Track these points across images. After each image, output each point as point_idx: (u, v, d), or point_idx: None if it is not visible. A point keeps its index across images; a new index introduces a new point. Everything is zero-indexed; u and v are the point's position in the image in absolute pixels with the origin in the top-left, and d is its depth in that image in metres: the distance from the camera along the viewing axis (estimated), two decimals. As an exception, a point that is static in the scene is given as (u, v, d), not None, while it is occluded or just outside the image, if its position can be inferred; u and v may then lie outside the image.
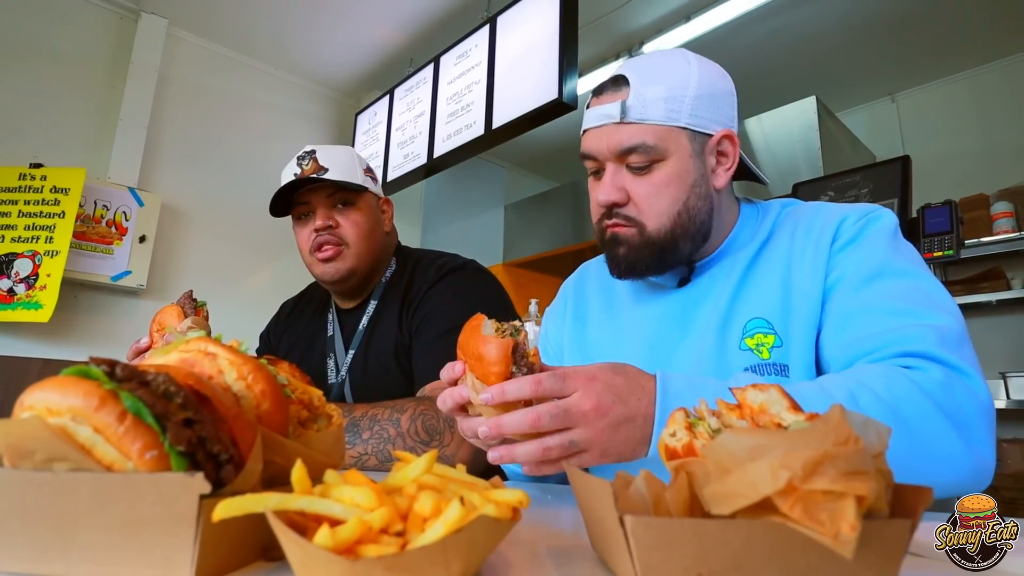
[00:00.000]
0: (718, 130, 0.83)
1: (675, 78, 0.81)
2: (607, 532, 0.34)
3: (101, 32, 3.10)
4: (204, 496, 0.30)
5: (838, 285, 0.76)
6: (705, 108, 0.81)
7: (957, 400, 0.62)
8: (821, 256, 0.79)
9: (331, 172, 1.24)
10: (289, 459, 0.39)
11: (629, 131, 0.80)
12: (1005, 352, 3.17)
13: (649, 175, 0.81)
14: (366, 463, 0.99)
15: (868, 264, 0.75)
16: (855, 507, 0.27)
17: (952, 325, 0.68)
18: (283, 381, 0.43)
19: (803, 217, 0.86)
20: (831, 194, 2.43)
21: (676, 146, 0.80)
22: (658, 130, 0.79)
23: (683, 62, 0.83)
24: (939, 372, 0.63)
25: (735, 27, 3.12)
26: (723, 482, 0.30)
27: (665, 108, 0.79)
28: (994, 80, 3.53)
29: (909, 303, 0.70)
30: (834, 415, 0.30)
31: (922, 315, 0.69)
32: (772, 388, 0.36)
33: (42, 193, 2.71)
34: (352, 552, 0.28)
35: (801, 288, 0.79)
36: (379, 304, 1.32)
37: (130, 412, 0.31)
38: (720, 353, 0.81)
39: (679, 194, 0.81)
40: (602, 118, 0.82)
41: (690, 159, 0.81)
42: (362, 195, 1.29)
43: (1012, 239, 2.97)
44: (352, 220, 1.27)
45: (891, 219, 0.81)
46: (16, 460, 0.32)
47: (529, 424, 0.56)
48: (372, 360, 1.26)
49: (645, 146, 0.79)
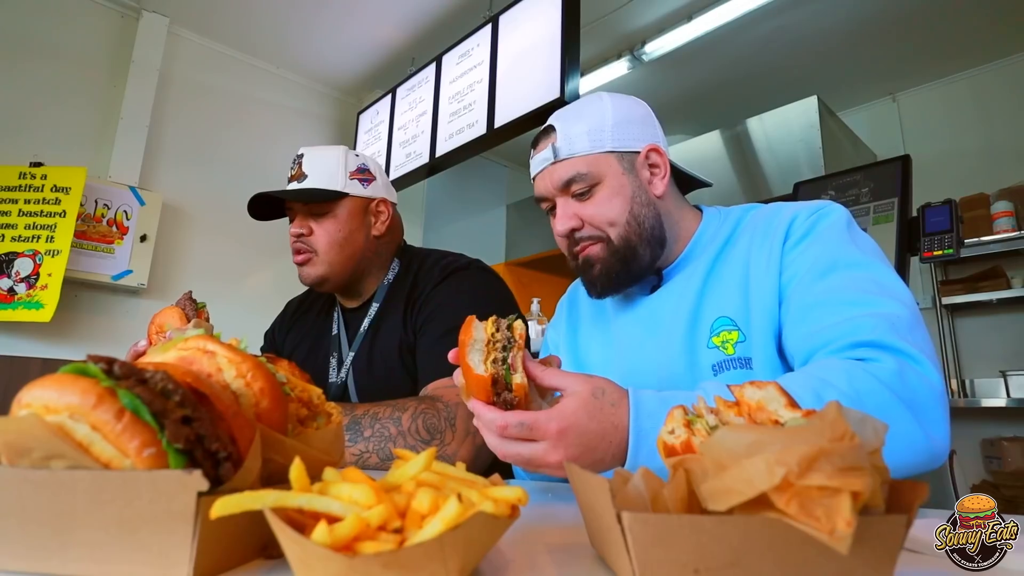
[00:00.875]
0: (642, 146, 0.93)
1: (593, 114, 0.93)
2: (605, 529, 0.34)
3: (102, 30, 3.10)
4: (202, 494, 0.30)
5: (794, 280, 0.81)
6: (624, 131, 0.92)
7: (911, 387, 0.65)
8: (775, 253, 0.84)
9: (310, 179, 1.25)
10: (288, 457, 0.40)
11: (564, 166, 0.91)
12: (1005, 351, 3.17)
13: (592, 198, 0.91)
14: (367, 461, 0.99)
15: (822, 259, 0.79)
16: (851, 503, 0.27)
17: (902, 313, 0.71)
18: (282, 379, 0.43)
19: (761, 218, 0.92)
20: (832, 193, 2.43)
21: (607, 168, 0.91)
22: (588, 159, 0.90)
23: (597, 100, 0.95)
24: (892, 361, 0.66)
25: (737, 27, 3.11)
26: (720, 478, 0.30)
27: (589, 140, 0.90)
28: (995, 80, 3.52)
29: (861, 292, 0.74)
30: (830, 411, 0.30)
31: (873, 303, 0.72)
32: (770, 385, 0.37)
33: (43, 192, 2.71)
34: (350, 549, 0.29)
35: (758, 285, 0.84)
36: (382, 306, 1.31)
37: (128, 409, 0.31)
38: (689, 351, 0.87)
39: (623, 206, 0.90)
40: (541, 163, 0.93)
41: (623, 176, 0.91)
42: (339, 202, 1.27)
43: (1012, 238, 2.97)
44: (325, 228, 1.26)
45: (841, 213, 0.86)
46: (13, 458, 0.32)
47: (496, 430, 0.63)
48: (376, 361, 1.26)
49: (579, 175, 0.90)
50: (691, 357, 0.87)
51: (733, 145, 3.33)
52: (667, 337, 0.91)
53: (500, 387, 0.61)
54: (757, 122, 3.26)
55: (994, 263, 3.13)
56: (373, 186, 1.32)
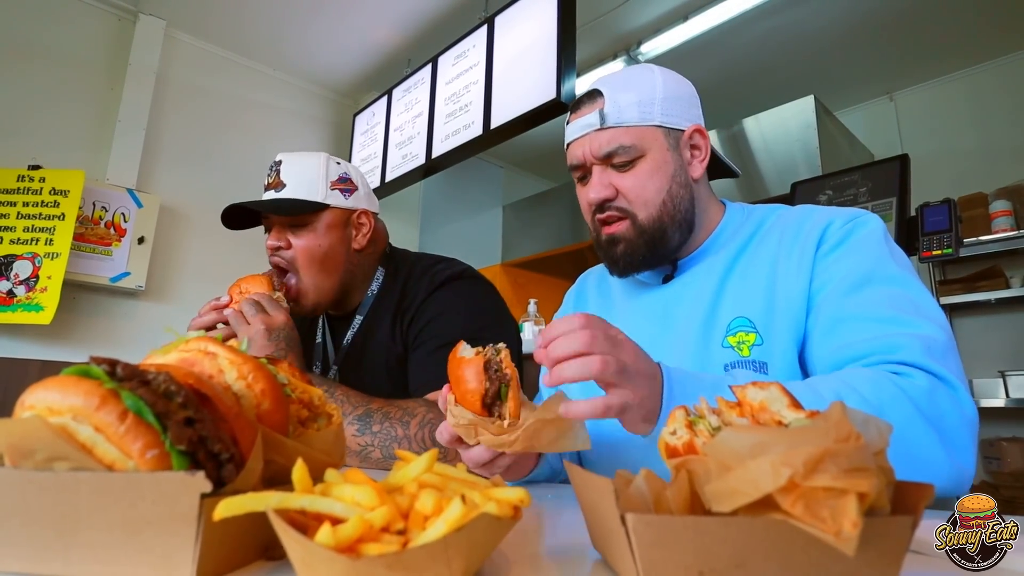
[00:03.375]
0: (688, 126, 0.90)
1: (644, 85, 0.89)
2: (609, 531, 0.34)
3: (99, 33, 3.09)
4: (205, 495, 0.30)
5: (826, 289, 0.78)
6: (674, 107, 0.89)
7: (941, 409, 0.64)
8: (807, 259, 0.81)
9: (288, 188, 1.17)
10: (289, 458, 0.39)
11: (609, 134, 0.87)
12: (1004, 351, 3.17)
13: (633, 170, 0.88)
14: (370, 454, 1.00)
15: (857, 270, 0.77)
16: (857, 504, 0.27)
17: (938, 335, 0.69)
18: (283, 380, 0.42)
19: (791, 220, 0.89)
20: (829, 193, 2.44)
21: (653, 142, 0.88)
22: (634, 130, 0.87)
23: (648, 72, 0.91)
24: (925, 380, 0.65)
25: (733, 26, 3.12)
26: (724, 480, 0.30)
27: (639, 111, 0.87)
28: (991, 79, 3.53)
29: (897, 311, 0.72)
30: (835, 412, 0.30)
31: (910, 323, 0.70)
32: (772, 386, 0.36)
33: (41, 195, 2.70)
34: (353, 550, 0.28)
35: (785, 289, 0.81)
36: (367, 318, 1.26)
37: (131, 411, 0.30)
38: (702, 349, 0.84)
39: (662, 184, 0.88)
40: (583, 128, 0.89)
41: (667, 152, 0.88)
42: (318, 214, 1.19)
43: (1011, 237, 2.97)
44: (303, 241, 1.18)
45: (878, 224, 0.83)
46: (17, 459, 0.32)
47: (583, 344, 0.58)
48: (363, 374, 1.22)
49: (625, 145, 0.86)
50: (703, 354, 0.84)
51: (730, 145, 3.33)
52: (680, 332, 0.88)
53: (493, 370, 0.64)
54: (754, 122, 3.26)
55: (993, 263, 3.13)
56: (355, 196, 1.24)
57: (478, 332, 1.10)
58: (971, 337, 3.31)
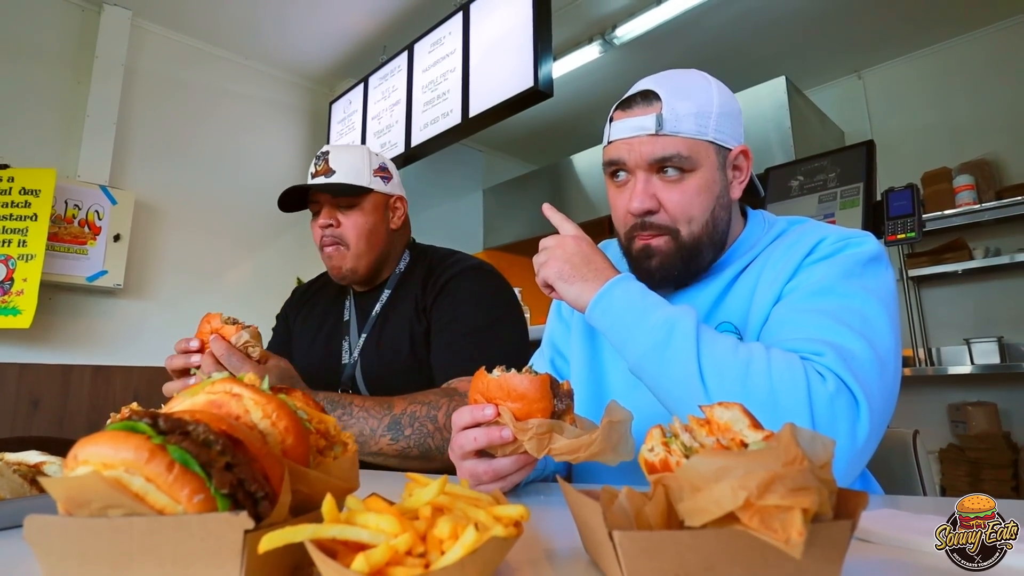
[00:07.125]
0: (736, 146, 0.89)
1: (702, 96, 0.86)
2: (598, 543, 0.39)
3: (62, 26, 3.01)
4: (248, 531, 0.35)
5: (791, 294, 0.81)
6: (726, 124, 0.87)
7: (836, 417, 0.66)
8: (789, 267, 0.83)
9: (338, 174, 1.33)
10: (312, 487, 0.44)
11: (664, 142, 0.84)
12: (968, 320, 3.31)
13: (681, 184, 0.85)
14: (409, 454, 1.11)
15: (823, 281, 0.79)
16: (801, 517, 0.32)
17: (868, 354, 0.70)
18: (302, 415, 0.47)
19: (798, 234, 0.90)
20: (801, 178, 2.51)
21: (705, 158, 0.85)
22: (690, 143, 0.84)
23: (705, 82, 0.88)
24: (833, 387, 0.67)
25: (705, 9, 3.15)
26: (694, 499, 0.35)
27: (696, 123, 0.84)
28: (955, 57, 3.62)
29: (836, 322, 0.73)
30: (784, 435, 0.36)
31: (843, 336, 0.72)
32: (735, 407, 0.42)
33: (11, 195, 2.65)
34: (383, 574, 0.33)
35: (761, 295, 0.84)
36: (393, 293, 1.41)
37: (178, 462, 0.35)
38: None
39: (708, 203, 0.86)
40: (636, 129, 0.85)
41: (716, 171, 0.87)
42: (366, 196, 1.36)
43: (974, 211, 3.10)
44: (353, 221, 1.36)
45: (870, 248, 0.82)
46: (73, 509, 0.36)
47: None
48: (385, 344, 1.35)
49: (680, 156, 0.83)
50: None
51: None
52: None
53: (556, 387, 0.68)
54: (728, 104, 3.30)
55: (957, 235, 3.26)
56: (392, 184, 1.43)
57: (497, 320, 1.29)
58: (937, 307, 3.45)
